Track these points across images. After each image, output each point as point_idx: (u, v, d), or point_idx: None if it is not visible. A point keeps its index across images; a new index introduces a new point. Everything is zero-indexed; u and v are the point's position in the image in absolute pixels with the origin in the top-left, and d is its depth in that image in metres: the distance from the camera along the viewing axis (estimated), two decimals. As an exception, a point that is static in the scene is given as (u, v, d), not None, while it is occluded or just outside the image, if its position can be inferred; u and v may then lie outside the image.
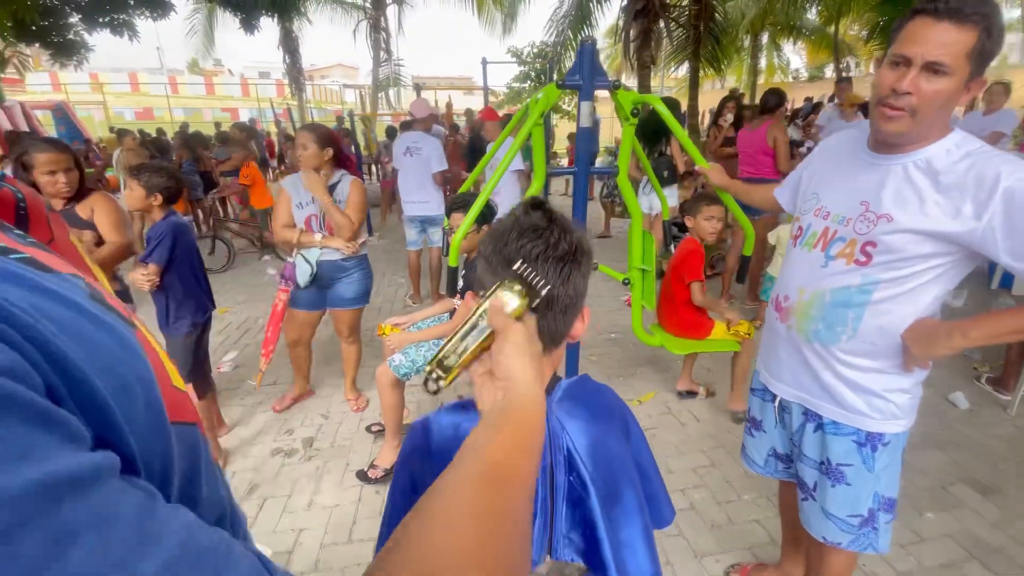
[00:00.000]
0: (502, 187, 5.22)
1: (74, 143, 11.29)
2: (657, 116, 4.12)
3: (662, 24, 8.02)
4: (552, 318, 0.70)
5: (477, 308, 0.59)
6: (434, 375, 0.58)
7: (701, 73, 10.96)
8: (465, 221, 1.74)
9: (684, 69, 10.45)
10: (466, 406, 0.74)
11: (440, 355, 0.58)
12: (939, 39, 0.97)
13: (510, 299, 0.59)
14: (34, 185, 1.97)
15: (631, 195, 2.16)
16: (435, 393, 0.58)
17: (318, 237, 2.45)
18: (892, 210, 1.07)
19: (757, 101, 4.21)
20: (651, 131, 4.44)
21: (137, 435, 0.29)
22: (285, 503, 2.17)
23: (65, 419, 0.24)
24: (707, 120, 9.81)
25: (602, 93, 2.00)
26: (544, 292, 0.62)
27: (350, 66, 40.71)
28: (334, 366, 3.22)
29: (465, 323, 0.58)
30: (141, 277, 2.05)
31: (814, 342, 1.21)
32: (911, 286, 1.09)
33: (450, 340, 0.58)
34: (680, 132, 1.99)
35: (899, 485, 1.25)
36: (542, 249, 0.67)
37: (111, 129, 8.19)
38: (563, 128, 13.13)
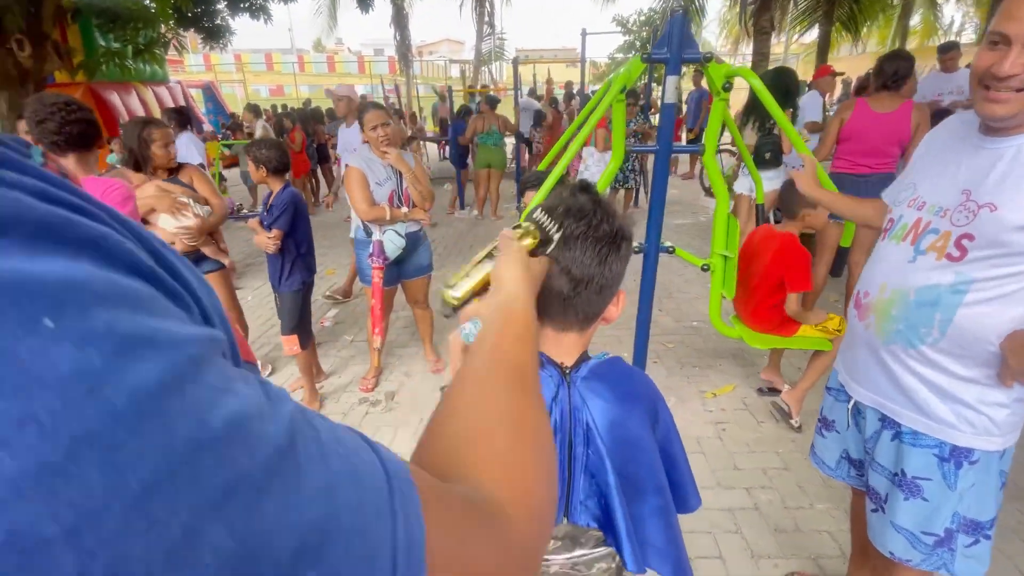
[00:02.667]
0: (592, 164, 5.14)
1: (219, 117, 12.86)
2: (777, 86, 3.76)
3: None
4: (586, 297, 0.73)
5: (493, 242, 0.64)
6: (446, 298, 0.63)
7: (835, 37, 9.76)
8: (535, 199, 1.77)
9: (813, 33, 9.35)
10: None
11: (456, 280, 0.63)
12: None
13: (522, 236, 0.63)
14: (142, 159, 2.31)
15: (717, 176, 2.05)
16: (448, 316, 0.64)
17: (404, 211, 2.61)
18: (996, 198, 0.94)
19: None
20: (760, 107, 4.06)
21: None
22: (365, 448, 2.42)
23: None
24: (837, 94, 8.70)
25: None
26: (556, 237, 0.66)
27: (457, 41, 41.53)
28: (415, 330, 3.45)
29: (482, 253, 0.63)
30: (268, 240, 2.35)
31: (895, 344, 1.10)
32: (1013, 288, 0.95)
33: (467, 267, 0.63)
34: (777, 111, 1.83)
35: (995, 509, 1.11)
36: (584, 230, 0.70)
37: (247, 105, 9.22)
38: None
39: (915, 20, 16.61)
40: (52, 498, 0.13)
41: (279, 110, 10.78)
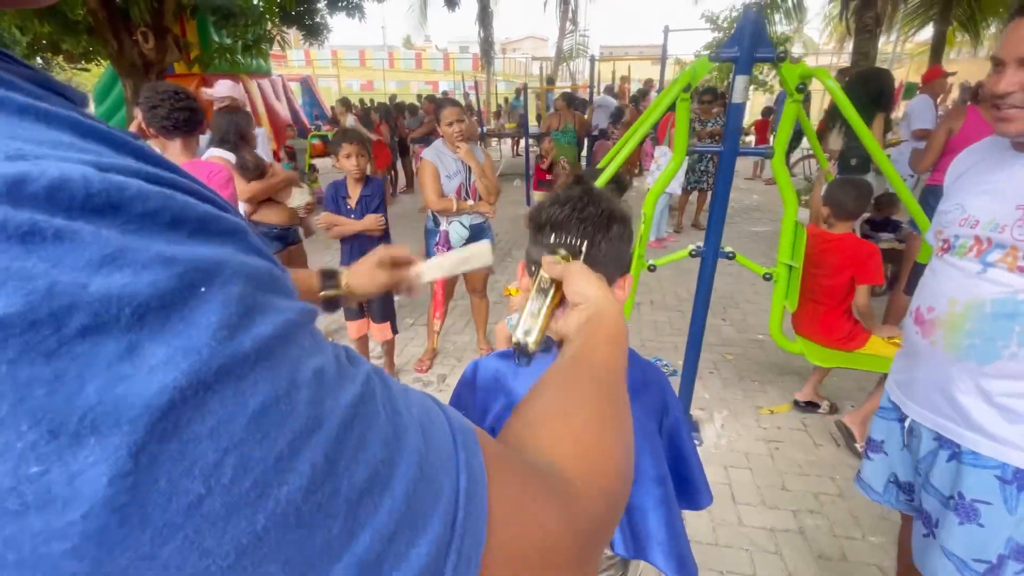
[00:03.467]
0: (665, 164, 5.00)
1: (314, 110, 13.78)
2: (868, 89, 3.50)
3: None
4: None
5: (535, 280, 0.61)
6: (520, 347, 0.58)
7: (958, 37, 8.80)
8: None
9: (927, 32, 8.47)
10: (506, 355, 0.83)
11: (519, 330, 0.59)
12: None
13: (565, 258, 0.63)
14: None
15: (786, 180, 1.96)
16: (526, 365, 0.60)
17: (470, 203, 2.73)
18: None
19: None
20: (860, 107, 3.76)
21: None
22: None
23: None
24: (953, 96, 7.84)
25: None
26: (584, 247, 0.67)
27: (540, 38, 41.60)
28: (470, 318, 3.55)
29: (528, 299, 0.60)
30: (375, 221, 2.50)
31: (968, 360, 1.03)
32: None
33: (522, 316, 0.60)
34: (854, 116, 1.72)
35: None
36: (568, 213, 0.72)
37: (340, 99, 9.85)
38: (758, 101, 11.78)
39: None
40: (203, 410, 0.19)
41: (367, 104, 11.39)
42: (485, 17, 14.10)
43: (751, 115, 9.63)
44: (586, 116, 6.94)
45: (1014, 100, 0.95)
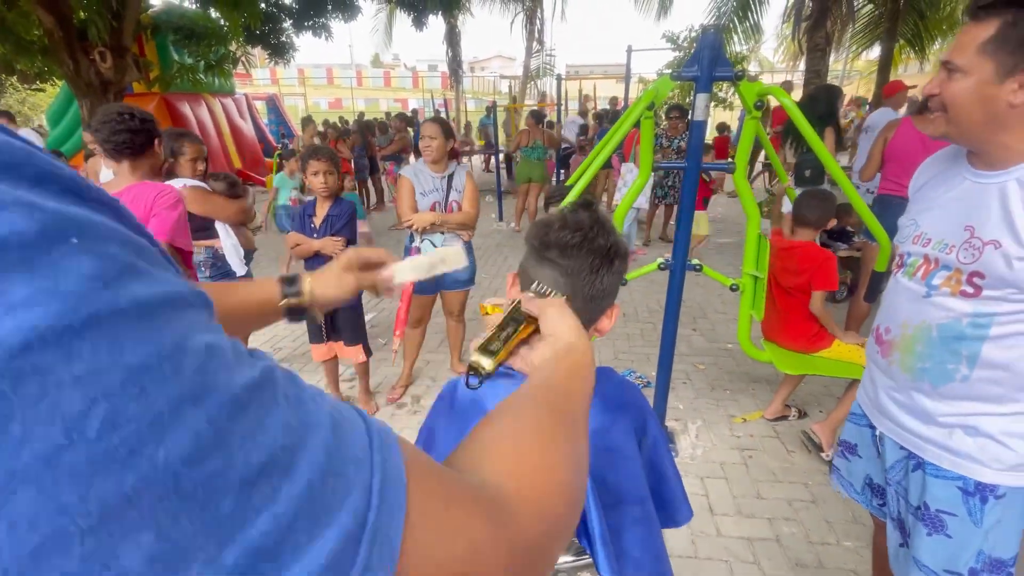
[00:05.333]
0: (632, 180, 5.11)
1: (280, 128, 13.61)
2: (819, 106, 3.65)
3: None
4: (577, 306, 0.76)
5: (510, 305, 0.60)
6: (473, 370, 0.57)
7: (905, 55, 9.33)
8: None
9: (876, 50, 8.97)
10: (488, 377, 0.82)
11: (476, 349, 0.58)
12: (957, 40, 0.92)
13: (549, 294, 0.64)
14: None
15: (748, 194, 2.01)
16: (475, 388, 0.58)
17: (435, 214, 2.68)
18: (1000, 236, 0.91)
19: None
20: (812, 122, 3.92)
21: None
22: (387, 449, 2.49)
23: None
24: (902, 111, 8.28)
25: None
26: (569, 291, 0.66)
27: (508, 57, 42.31)
28: (444, 338, 3.52)
29: (503, 321, 0.58)
30: (335, 244, 2.41)
31: (923, 381, 1.06)
32: None
33: (486, 334, 0.59)
34: (808, 130, 1.79)
35: (1018, 545, 1.04)
36: (579, 241, 0.72)
37: (302, 120, 9.77)
38: (716, 117, 12.18)
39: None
40: (68, 355, 0.18)
41: (335, 122, 11.31)
42: (453, 37, 14.27)
43: (709, 132, 9.94)
44: (555, 133, 7.05)
45: (936, 103, 0.98)
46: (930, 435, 1.07)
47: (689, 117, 1.99)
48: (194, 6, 7.13)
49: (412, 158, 10.24)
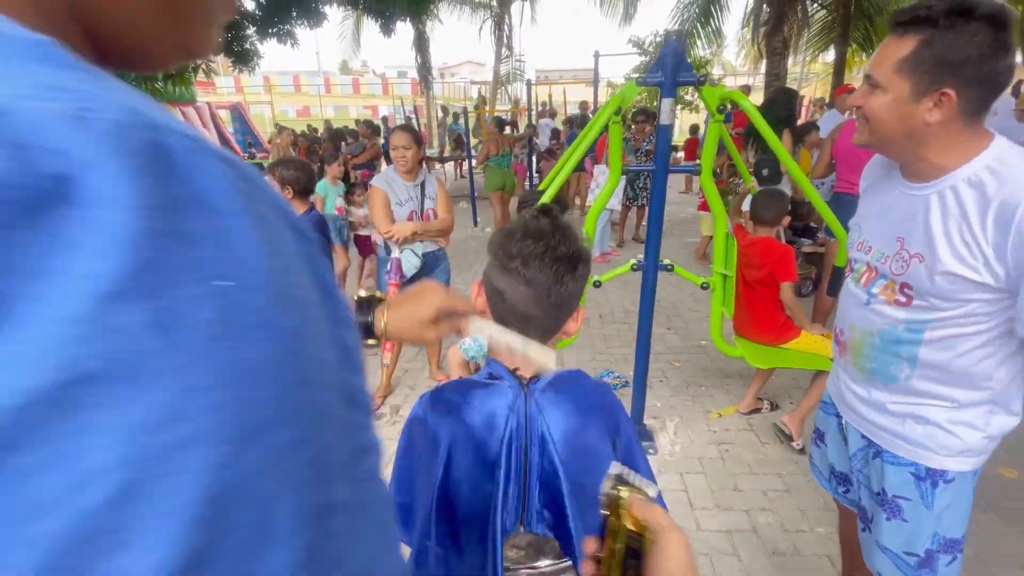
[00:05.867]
0: (603, 179, 5.18)
1: (246, 137, 13.33)
2: (778, 108, 3.77)
3: (801, 5, 7.22)
4: (544, 313, 0.77)
5: (615, 525, 0.50)
6: None
7: (858, 58, 9.73)
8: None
9: (832, 54, 9.34)
10: (463, 386, 0.82)
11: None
12: (879, 53, 0.94)
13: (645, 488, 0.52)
14: None
15: (714, 195, 2.07)
16: None
17: (413, 223, 2.66)
18: (923, 249, 0.96)
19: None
20: (771, 124, 4.06)
21: None
22: (367, 460, 2.45)
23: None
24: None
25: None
26: (652, 493, 0.53)
27: (478, 63, 42.44)
28: (420, 347, 3.50)
29: (613, 552, 0.49)
30: None
31: (874, 380, 1.12)
32: (969, 324, 0.95)
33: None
34: (767, 131, 1.85)
35: (966, 525, 1.10)
36: (542, 251, 0.74)
37: (276, 126, 9.58)
38: (685, 119, 12.47)
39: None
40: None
41: (303, 131, 11.13)
42: (422, 43, 14.23)
43: (680, 133, 10.17)
44: (533, 137, 7.09)
45: (858, 114, 1.02)
46: (885, 424, 1.12)
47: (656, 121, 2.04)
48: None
49: (384, 166, 10.17)
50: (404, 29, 12.81)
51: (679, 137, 10.30)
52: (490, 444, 0.75)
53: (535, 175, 7.18)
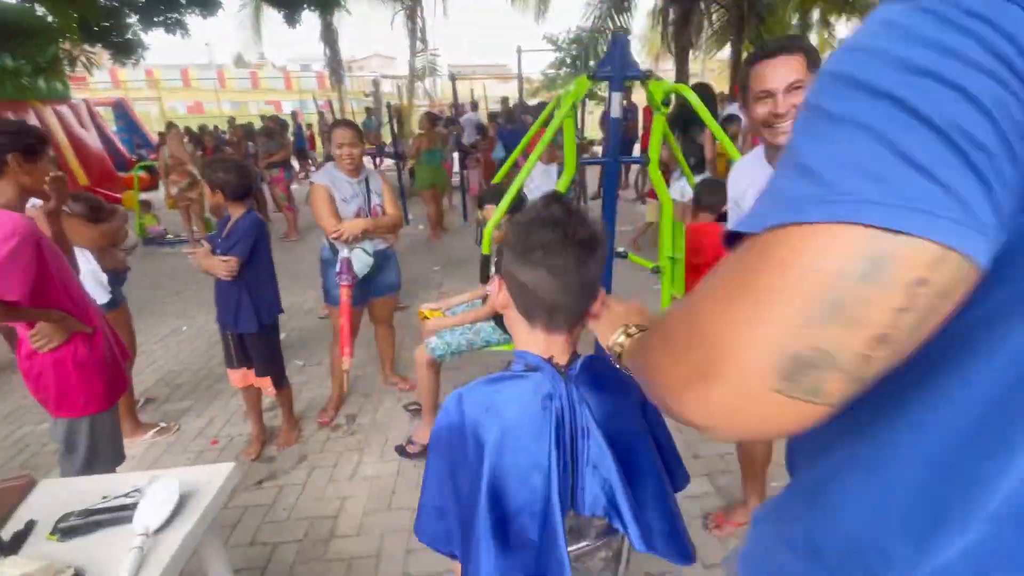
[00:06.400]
0: (537, 176, 5.28)
1: (134, 137, 11.98)
2: (689, 104, 4.03)
3: (703, 5, 7.78)
4: (571, 299, 0.79)
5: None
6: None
7: (745, 55, 10.60)
8: (497, 211, 1.83)
9: (727, 51, 10.13)
10: (497, 381, 0.82)
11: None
12: (784, 67, 1.20)
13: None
14: None
15: (661, 184, 2.20)
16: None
17: (365, 220, 2.52)
18: None
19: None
20: (684, 119, 4.36)
21: None
22: (331, 472, 2.34)
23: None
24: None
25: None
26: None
27: (387, 56, 41.18)
28: (372, 350, 3.38)
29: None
30: (221, 264, 2.13)
31: None
32: None
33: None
34: (711, 122, 2.00)
35: None
36: (562, 238, 0.75)
37: (167, 125, 8.67)
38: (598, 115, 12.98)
39: (814, 41, 18.30)
40: None
41: (212, 128, 10.21)
42: (329, 34, 13.57)
43: (592, 128, 10.53)
44: (455, 132, 7.03)
45: (788, 121, 1.20)
46: None
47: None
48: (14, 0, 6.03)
49: (296, 163, 9.59)
50: (307, 19, 12.14)
51: (592, 132, 10.70)
52: (537, 436, 0.77)
53: (463, 172, 7.14)
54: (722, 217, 4.44)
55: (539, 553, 0.76)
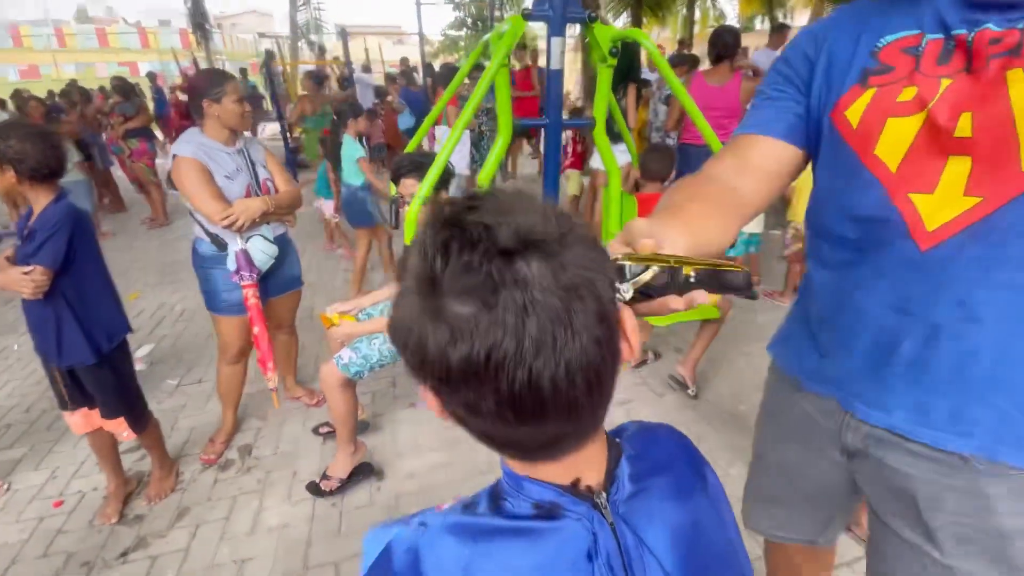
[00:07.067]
0: (443, 138, 4.81)
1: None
2: (621, 63, 3.76)
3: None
4: (574, 424, 0.43)
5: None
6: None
7: (644, 22, 10.66)
8: (424, 185, 1.41)
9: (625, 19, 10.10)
10: (485, 535, 0.43)
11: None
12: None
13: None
14: None
15: (608, 153, 1.89)
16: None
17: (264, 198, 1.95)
18: None
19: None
20: (623, 73, 4.06)
21: None
22: (223, 527, 1.85)
23: None
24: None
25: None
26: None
27: (264, 13, 37.06)
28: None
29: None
30: (22, 278, 1.51)
31: None
32: None
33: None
34: (675, 82, 1.71)
35: None
36: (513, 325, 0.35)
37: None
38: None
39: (697, 13, 19.04)
40: None
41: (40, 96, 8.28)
42: (190, -17, 11.64)
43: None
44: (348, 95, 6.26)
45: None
46: None
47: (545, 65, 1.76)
48: None
49: (159, 133, 8.12)
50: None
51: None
52: None
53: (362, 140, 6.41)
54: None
55: None
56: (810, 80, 0.73)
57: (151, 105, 8.64)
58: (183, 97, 8.54)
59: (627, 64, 3.66)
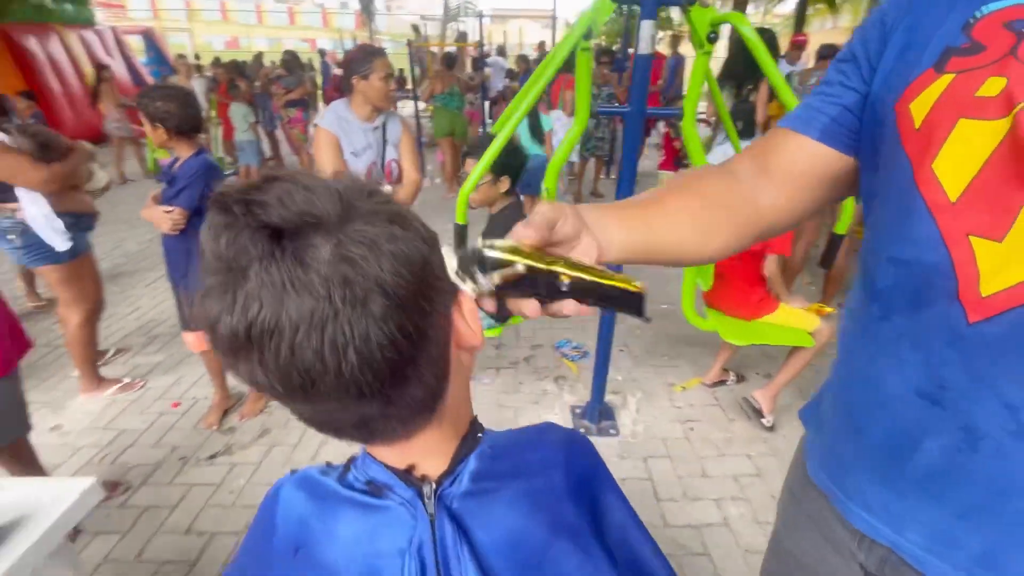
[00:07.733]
0: (560, 131, 4.77)
1: (161, 69, 11.75)
2: (748, 52, 3.44)
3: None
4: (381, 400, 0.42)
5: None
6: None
7: (811, 9, 9.47)
8: (477, 167, 1.43)
9: (789, 5, 9.03)
10: (329, 498, 0.45)
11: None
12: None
13: None
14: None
15: (697, 146, 1.75)
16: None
17: (388, 189, 2.16)
18: None
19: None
20: (741, 70, 3.76)
21: None
22: (290, 453, 2.10)
23: None
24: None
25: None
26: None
27: (429, -4, 39.48)
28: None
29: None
30: (164, 216, 1.83)
31: None
32: None
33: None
34: (772, 69, 1.52)
35: None
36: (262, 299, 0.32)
37: (176, 56, 8.27)
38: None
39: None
40: None
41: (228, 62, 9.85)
42: (363, -32, 12.81)
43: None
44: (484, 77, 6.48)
45: None
46: None
47: (633, 50, 1.67)
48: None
49: (321, 106, 9.16)
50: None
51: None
52: None
53: (489, 121, 6.63)
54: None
55: None
56: (879, 58, 0.52)
57: (319, 79, 9.80)
58: (339, 72, 9.57)
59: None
